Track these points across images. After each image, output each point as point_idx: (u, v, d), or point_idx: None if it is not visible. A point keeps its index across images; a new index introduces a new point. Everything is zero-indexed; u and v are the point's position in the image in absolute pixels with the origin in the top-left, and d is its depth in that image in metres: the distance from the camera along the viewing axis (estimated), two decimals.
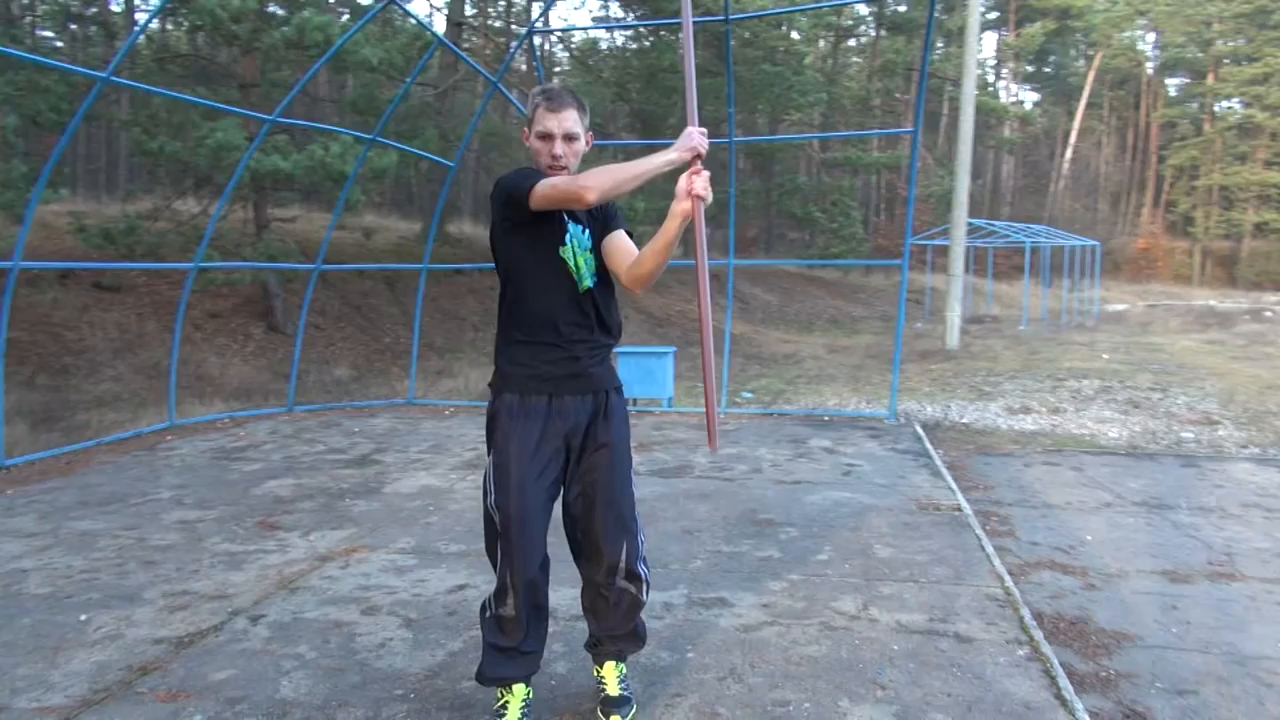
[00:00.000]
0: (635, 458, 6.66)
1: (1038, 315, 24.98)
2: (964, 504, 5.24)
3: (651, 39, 17.23)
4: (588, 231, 2.71)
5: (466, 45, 18.90)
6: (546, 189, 2.48)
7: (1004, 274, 34.30)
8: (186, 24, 12.13)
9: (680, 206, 2.41)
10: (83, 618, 3.66)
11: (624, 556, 2.71)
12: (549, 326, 2.63)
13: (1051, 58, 54.68)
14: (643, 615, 2.88)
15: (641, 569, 2.77)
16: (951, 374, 14.10)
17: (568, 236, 2.65)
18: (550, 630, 2.92)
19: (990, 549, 4.41)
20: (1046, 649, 3.27)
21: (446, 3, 18.09)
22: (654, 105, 17.72)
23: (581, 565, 2.80)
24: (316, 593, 3.94)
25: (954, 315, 17.29)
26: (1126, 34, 52.07)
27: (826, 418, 8.57)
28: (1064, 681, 3.02)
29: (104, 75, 5.71)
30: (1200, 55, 50.78)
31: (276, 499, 5.52)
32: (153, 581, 4.09)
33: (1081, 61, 54.70)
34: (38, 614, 3.71)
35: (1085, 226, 41.39)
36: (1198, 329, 23.31)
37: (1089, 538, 5.35)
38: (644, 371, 8.73)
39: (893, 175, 39.01)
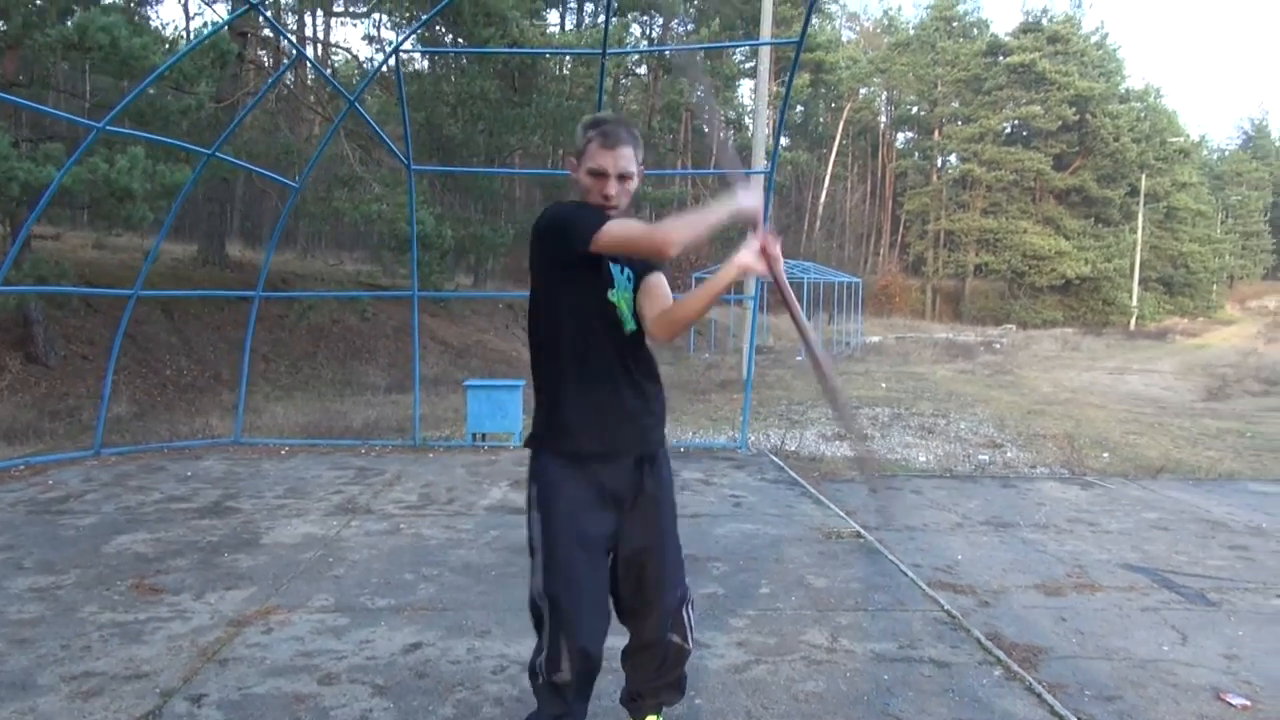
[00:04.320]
0: (517, 496, 6.49)
1: None
2: (862, 531, 5.52)
3: (461, 67, 16.99)
4: (627, 271, 2.57)
5: (251, 58, 17.76)
6: (620, 235, 2.32)
7: (769, 307, 36.50)
8: None
9: (746, 262, 2.28)
10: None
11: (673, 608, 2.63)
12: (601, 376, 2.47)
13: (800, 107, 59.17)
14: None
15: (687, 616, 2.69)
16: (757, 403, 14.79)
17: (614, 279, 2.55)
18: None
19: (912, 574, 4.67)
20: (1016, 667, 3.51)
21: (231, 13, 16.92)
22: (462, 132, 17.41)
23: (629, 621, 2.67)
24: (251, 663, 3.52)
25: (747, 346, 18.15)
26: (867, 89, 57.43)
27: (682, 449, 8.74)
28: (1050, 697, 3.26)
29: None
30: (926, 114, 56.85)
31: (139, 557, 4.88)
32: (39, 664, 3.49)
33: (826, 113, 59.59)
34: None
35: (836, 264, 44.93)
36: (947, 359, 25.93)
37: (960, 557, 5.77)
38: (495, 405, 8.52)
39: (665, 210, 40.60)
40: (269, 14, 8.74)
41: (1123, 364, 27.02)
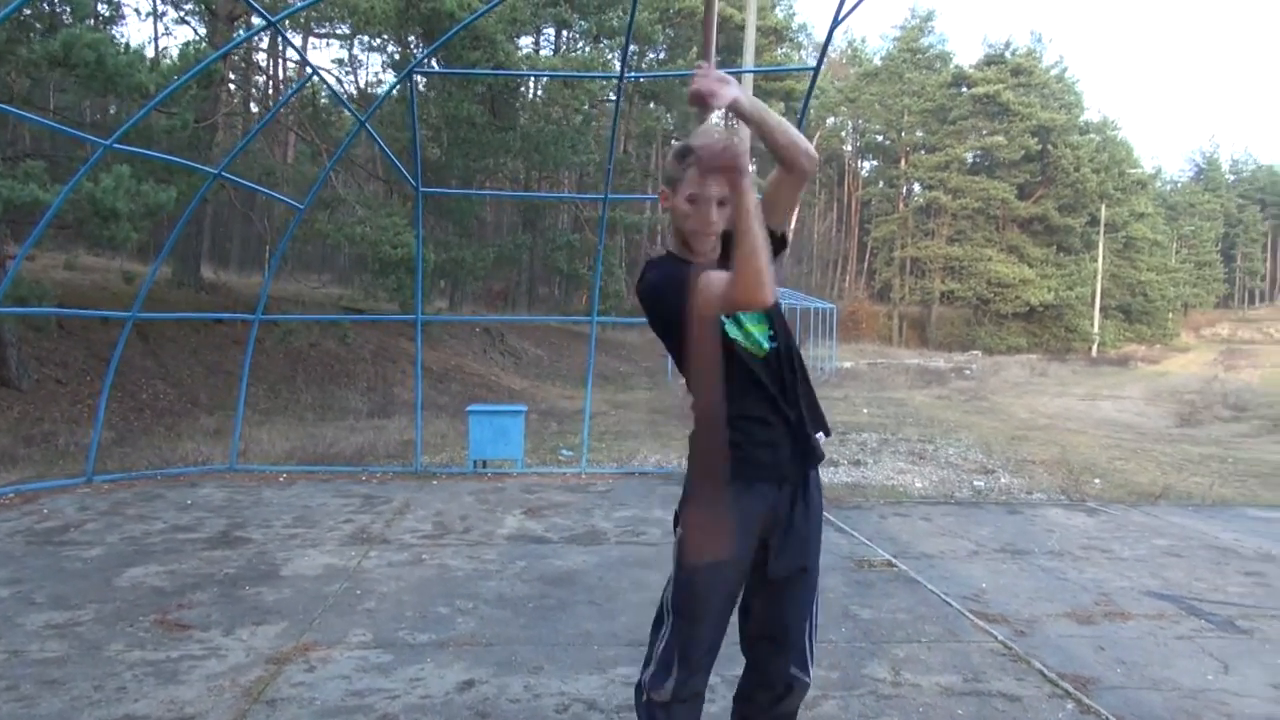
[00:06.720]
0: (534, 524, 6.37)
1: None
2: (894, 560, 5.47)
3: (449, 91, 16.90)
4: None
5: (224, 78, 17.55)
6: (714, 305, 2.20)
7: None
8: None
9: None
10: None
11: (801, 642, 2.54)
12: (752, 405, 2.40)
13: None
14: None
15: (809, 646, 2.59)
16: None
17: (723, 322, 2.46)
18: None
19: (957, 604, 4.62)
20: (1088, 700, 3.47)
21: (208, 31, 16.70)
22: (444, 155, 17.31)
23: (756, 651, 2.58)
24: (302, 704, 3.37)
25: None
26: (835, 119, 58.20)
27: (670, 475, 8.65)
28: None
29: None
30: (891, 143, 57.71)
31: (156, 590, 4.69)
32: (74, 707, 3.31)
33: None
34: None
35: (805, 290, 45.22)
36: (922, 385, 26.14)
37: (984, 585, 5.73)
38: (498, 431, 8.38)
39: (639, 236, 40.70)
40: (263, 36, 8.62)
41: (1092, 390, 27.42)
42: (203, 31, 18.13)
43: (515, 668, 3.74)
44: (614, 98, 35.14)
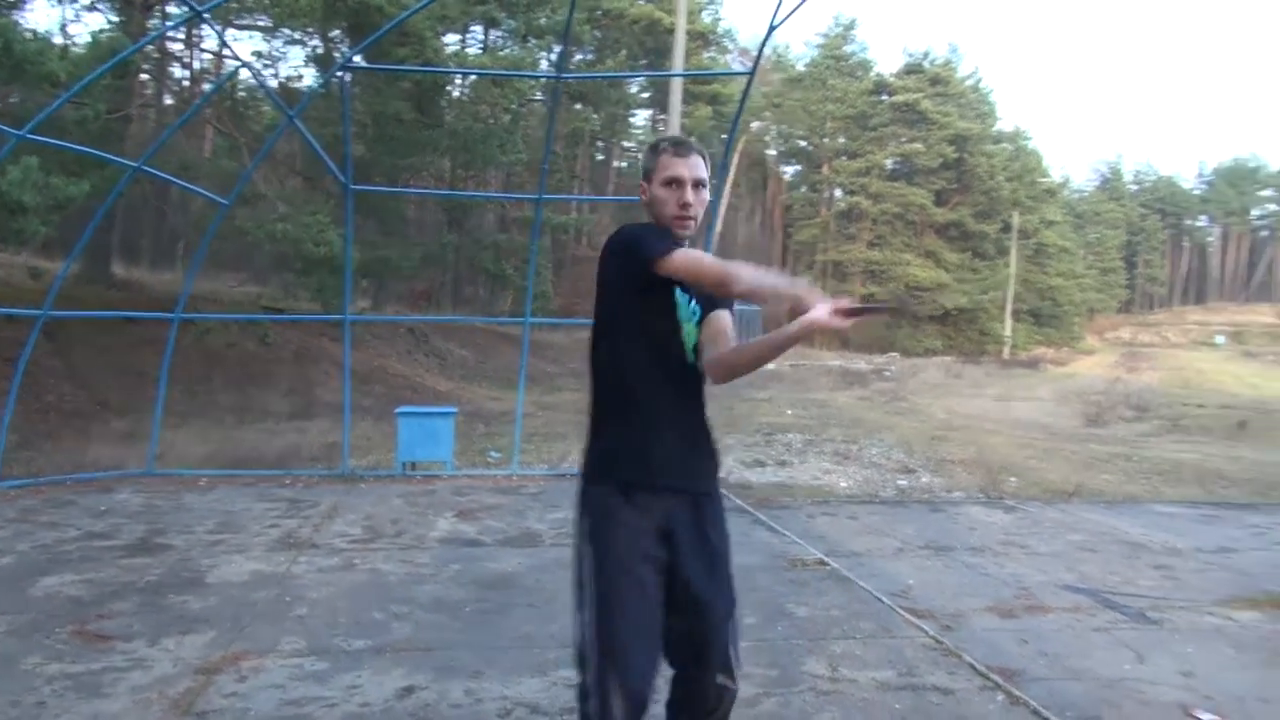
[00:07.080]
0: (467, 527, 6.32)
1: None
2: (826, 559, 5.57)
3: (376, 87, 16.56)
4: (694, 304, 2.51)
5: (147, 67, 16.94)
6: (689, 262, 2.29)
7: None
8: None
9: (820, 320, 2.10)
10: None
11: (729, 651, 2.55)
12: (653, 406, 2.40)
13: (692, 138, 60.20)
14: None
15: (734, 653, 2.61)
16: None
17: (674, 303, 2.50)
18: None
19: (887, 600, 4.73)
20: (1016, 691, 3.59)
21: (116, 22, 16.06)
22: (368, 152, 16.99)
23: (677, 664, 2.52)
24: (235, 715, 3.28)
25: None
26: (760, 123, 58.89)
27: None
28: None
29: None
30: (813, 148, 58.72)
31: (73, 600, 4.51)
32: None
33: (720, 145, 60.90)
34: None
35: None
36: (844, 386, 26.66)
37: (911, 582, 5.88)
38: (427, 433, 8.28)
39: (565, 236, 40.58)
40: (178, 27, 8.35)
41: (1005, 392, 28.29)
42: (114, 19, 17.44)
43: (455, 672, 3.71)
44: (542, 97, 35.07)
